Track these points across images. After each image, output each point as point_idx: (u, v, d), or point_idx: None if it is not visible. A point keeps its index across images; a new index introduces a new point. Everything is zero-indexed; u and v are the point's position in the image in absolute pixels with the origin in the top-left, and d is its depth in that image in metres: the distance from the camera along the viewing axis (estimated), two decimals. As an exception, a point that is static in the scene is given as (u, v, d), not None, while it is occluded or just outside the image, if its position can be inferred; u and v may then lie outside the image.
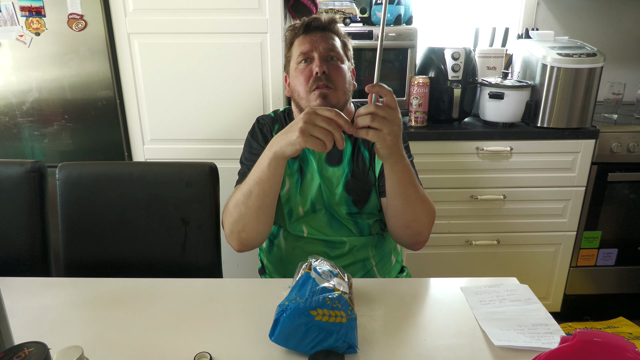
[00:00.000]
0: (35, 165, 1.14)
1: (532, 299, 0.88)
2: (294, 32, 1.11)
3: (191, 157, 1.71)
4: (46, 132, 1.69)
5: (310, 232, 1.07)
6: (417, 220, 0.98)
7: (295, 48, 1.09)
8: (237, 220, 0.96)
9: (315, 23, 1.08)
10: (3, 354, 0.57)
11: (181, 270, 1.18)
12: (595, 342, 0.57)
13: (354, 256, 1.06)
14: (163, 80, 1.65)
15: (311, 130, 0.80)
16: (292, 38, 1.11)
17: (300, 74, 1.06)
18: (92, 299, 0.89)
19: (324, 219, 1.07)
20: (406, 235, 1.01)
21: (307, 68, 1.05)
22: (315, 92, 1.02)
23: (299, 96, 1.07)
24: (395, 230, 1.03)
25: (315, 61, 1.04)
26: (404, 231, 1.01)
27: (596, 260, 1.92)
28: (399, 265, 1.16)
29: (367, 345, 0.75)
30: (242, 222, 0.95)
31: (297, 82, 1.06)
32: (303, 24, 1.09)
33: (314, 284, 0.77)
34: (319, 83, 1.02)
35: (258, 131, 1.13)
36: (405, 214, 0.97)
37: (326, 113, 0.81)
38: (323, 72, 1.02)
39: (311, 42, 1.06)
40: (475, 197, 1.80)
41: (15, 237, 1.14)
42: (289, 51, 1.12)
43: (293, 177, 1.08)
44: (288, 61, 1.12)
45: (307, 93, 1.04)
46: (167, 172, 1.20)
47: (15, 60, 1.61)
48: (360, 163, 1.08)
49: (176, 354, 0.73)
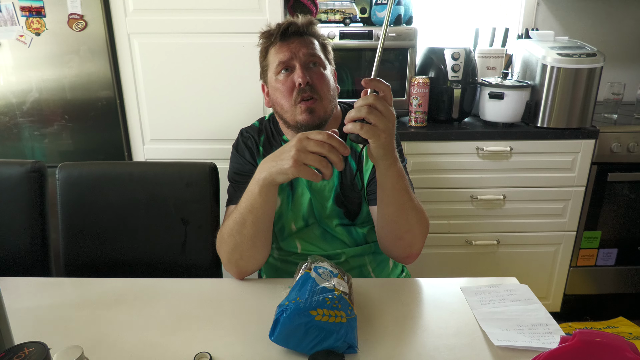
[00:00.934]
0: (36, 165, 1.14)
1: (532, 299, 0.88)
2: (269, 39, 1.01)
3: (191, 157, 1.71)
4: (46, 132, 1.69)
5: (304, 247, 1.05)
6: (410, 231, 0.90)
7: (272, 56, 1.00)
8: (233, 250, 0.91)
9: (292, 28, 0.99)
10: (3, 354, 0.57)
11: (181, 270, 1.18)
12: (595, 342, 0.57)
13: (350, 264, 1.04)
14: (163, 80, 1.65)
15: (304, 159, 0.76)
16: (267, 46, 1.02)
17: (281, 85, 0.98)
18: (92, 299, 0.89)
19: (317, 233, 1.04)
20: (398, 247, 0.94)
21: (289, 79, 0.97)
22: (300, 105, 0.96)
23: (282, 109, 1.00)
24: (385, 242, 0.96)
25: (297, 71, 0.96)
26: (395, 243, 0.94)
27: (596, 260, 1.92)
28: (398, 267, 1.16)
29: (367, 345, 0.75)
30: (239, 251, 0.91)
31: (279, 94, 0.99)
32: (279, 31, 0.98)
33: (314, 284, 0.77)
34: (304, 95, 0.95)
35: (243, 145, 1.07)
36: (397, 224, 0.89)
37: (319, 137, 0.76)
38: (307, 83, 0.95)
39: (290, 50, 0.97)
40: (475, 197, 1.80)
41: (15, 237, 1.14)
42: (265, 59, 1.02)
43: (283, 192, 1.03)
44: (264, 70, 1.03)
45: (291, 106, 0.97)
46: (167, 172, 1.20)
47: (16, 60, 1.61)
48: (348, 173, 1.04)
49: (176, 354, 0.73)
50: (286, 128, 1.04)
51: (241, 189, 1.00)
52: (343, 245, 1.05)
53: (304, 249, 1.05)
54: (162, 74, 1.64)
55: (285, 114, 1.00)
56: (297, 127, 0.99)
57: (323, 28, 1.72)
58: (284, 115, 1.01)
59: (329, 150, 0.75)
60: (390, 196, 0.86)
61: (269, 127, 1.10)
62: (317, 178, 0.76)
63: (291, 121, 0.99)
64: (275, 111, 1.04)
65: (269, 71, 1.01)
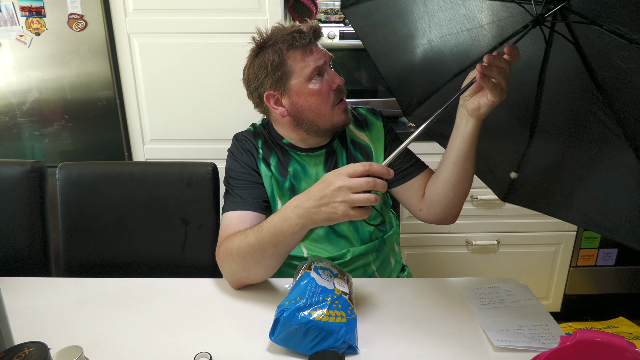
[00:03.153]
0: (36, 165, 1.14)
1: (532, 299, 0.88)
2: (291, 45, 0.93)
3: (191, 157, 1.71)
4: (46, 132, 1.69)
5: (311, 250, 1.04)
6: (468, 192, 0.95)
7: (297, 62, 0.93)
8: (241, 270, 0.88)
9: (318, 34, 0.97)
10: (3, 354, 0.57)
11: (181, 270, 1.19)
12: (595, 342, 0.57)
13: (354, 263, 1.04)
14: (163, 80, 1.65)
15: (353, 202, 0.71)
16: (281, 53, 0.94)
17: (319, 89, 0.94)
18: (92, 299, 0.89)
19: (322, 234, 1.03)
20: (457, 204, 0.96)
21: (325, 82, 0.95)
22: (339, 106, 0.96)
23: (317, 115, 0.95)
24: (449, 200, 0.95)
25: (332, 74, 0.96)
26: (459, 200, 0.95)
27: (596, 260, 1.92)
28: (399, 265, 1.16)
29: (367, 345, 0.75)
30: (247, 272, 0.88)
31: (317, 99, 0.94)
32: (310, 35, 0.94)
33: (314, 284, 0.77)
34: (341, 96, 0.97)
35: (240, 149, 1.04)
36: (469, 180, 0.92)
37: (360, 169, 0.71)
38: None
39: (321, 54, 0.96)
40: (475, 197, 1.80)
41: (15, 237, 1.14)
42: (282, 67, 0.94)
43: (285, 198, 1.01)
44: (281, 79, 0.94)
45: (330, 109, 0.96)
46: (167, 172, 1.20)
47: (16, 60, 1.61)
48: None
49: (176, 354, 0.73)
50: (302, 133, 0.99)
51: (238, 194, 0.99)
52: (348, 244, 1.05)
53: (310, 253, 1.04)
54: (162, 74, 1.64)
55: (319, 119, 0.96)
56: (334, 130, 0.98)
57: (323, 28, 1.72)
58: (317, 121, 0.96)
59: (375, 184, 0.71)
60: (472, 151, 0.88)
61: (264, 132, 1.07)
62: (369, 213, 0.73)
63: (326, 125, 0.97)
64: (300, 118, 0.97)
65: (293, 78, 0.94)
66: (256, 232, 0.84)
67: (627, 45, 0.70)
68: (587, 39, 0.76)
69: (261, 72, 0.96)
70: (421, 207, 1.02)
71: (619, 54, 0.72)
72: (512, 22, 0.84)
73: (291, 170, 1.02)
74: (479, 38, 0.90)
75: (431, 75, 1.02)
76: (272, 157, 1.03)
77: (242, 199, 0.97)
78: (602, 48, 0.74)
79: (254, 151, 1.04)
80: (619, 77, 0.76)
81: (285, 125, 1.01)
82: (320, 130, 0.98)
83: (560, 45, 0.79)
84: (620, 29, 0.69)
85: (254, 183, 1.00)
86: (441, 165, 0.94)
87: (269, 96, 0.97)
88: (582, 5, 0.73)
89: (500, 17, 0.85)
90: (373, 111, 1.12)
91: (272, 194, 1.01)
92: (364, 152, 1.06)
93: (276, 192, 1.01)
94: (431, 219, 1.01)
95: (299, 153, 1.03)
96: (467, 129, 0.85)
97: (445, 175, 0.92)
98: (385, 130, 1.09)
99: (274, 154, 1.03)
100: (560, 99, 0.89)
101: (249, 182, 1.00)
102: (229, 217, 0.96)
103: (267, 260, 0.85)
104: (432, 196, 0.98)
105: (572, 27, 0.77)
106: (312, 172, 1.03)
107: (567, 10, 0.75)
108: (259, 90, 0.98)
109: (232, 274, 0.90)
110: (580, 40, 0.77)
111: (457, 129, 0.87)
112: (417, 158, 1.07)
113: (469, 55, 0.94)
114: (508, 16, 0.83)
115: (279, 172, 1.02)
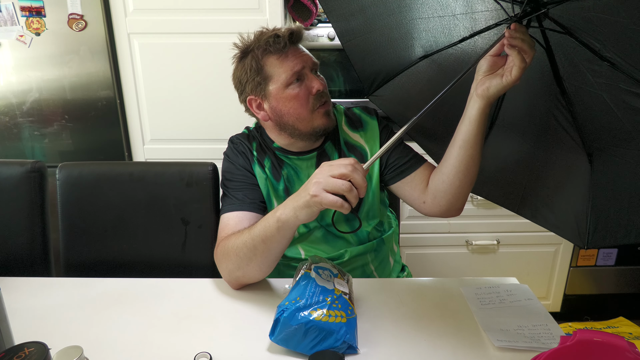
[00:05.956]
0: (36, 165, 1.14)
1: (532, 299, 0.88)
2: (265, 50, 0.95)
3: (191, 157, 1.71)
4: (46, 132, 1.69)
5: (308, 251, 1.04)
6: (473, 182, 0.93)
7: (275, 68, 0.94)
8: (236, 268, 0.89)
9: (295, 37, 0.96)
10: (3, 354, 0.57)
11: (181, 270, 1.19)
12: (595, 342, 0.57)
13: (353, 263, 1.04)
14: (163, 80, 1.65)
15: (325, 185, 0.72)
16: (259, 59, 0.96)
17: (297, 94, 0.95)
18: (92, 299, 0.89)
19: (319, 235, 1.03)
20: (463, 194, 0.94)
21: (302, 87, 0.95)
22: (319, 110, 0.96)
23: (297, 119, 0.96)
24: (454, 189, 0.93)
25: (312, 78, 0.96)
26: (465, 190, 0.93)
27: (596, 260, 1.92)
28: (399, 265, 1.16)
29: (367, 345, 0.75)
30: (242, 270, 0.89)
31: (295, 104, 0.95)
32: (286, 39, 0.93)
33: (314, 284, 0.77)
34: (322, 100, 0.96)
35: (235, 151, 1.05)
36: (475, 168, 0.90)
37: (341, 161, 0.74)
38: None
39: (300, 58, 0.95)
40: (475, 197, 1.80)
41: (15, 237, 1.14)
42: (260, 72, 0.95)
43: (280, 199, 1.01)
44: (260, 84, 0.96)
45: (309, 113, 0.96)
46: (167, 172, 1.20)
47: (16, 60, 1.61)
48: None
49: (176, 354, 0.73)
50: (287, 137, 1.00)
51: (234, 195, 0.99)
52: (346, 245, 1.04)
53: (307, 254, 1.04)
54: (162, 74, 1.64)
55: (299, 123, 0.97)
56: (315, 134, 0.98)
57: (323, 28, 1.72)
58: (297, 125, 0.97)
59: (353, 171, 0.72)
60: (480, 136, 0.86)
61: (257, 135, 1.07)
62: (346, 209, 0.72)
63: (307, 129, 0.97)
64: (281, 122, 0.98)
65: (271, 84, 0.95)
66: (249, 230, 0.86)
67: (598, 60, 0.71)
68: (560, 46, 0.77)
69: (243, 77, 0.99)
70: (425, 199, 1.00)
71: (589, 67, 0.74)
72: (486, 16, 0.84)
73: (285, 174, 1.02)
74: (449, 26, 0.90)
75: (397, 57, 1.01)
76: (266, 159, 1.04)
77: (239, 200, 0.98)
78: (572, 58, 0.76)
79: (249, 154, 1.04)
80: (584, 88, 0.77)
81: (271, 129, 1.02)
82: (303, 134, 0.98)
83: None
84: (595, 45, 0.70)
85: (249, 184, 1.01)
86: (447, 152, 0.92)
87: (251, 101, 1.00)
88: (560, 14, 0.73)
89: (475, 9, 0.84)
90: (367, 110, 1.11)
91: (268, 195, 1.01)
92: (357, 153, 1.05)
93: (272, 194, 1.01)
94: (436, 210, 0.99)
95: (290, 157, 1.03)
96: (473, 110, 0.84)
97: (452, 161, 0.91)
98: (380, 129, 1.08)
99: (267, 157, 1.04)
100: (524, 97, 0.89)
101: (245, 183, 1.01)
102: (227, 219, 0.97)
103: (259, 258, 0.85)
104: (437, 185, 0.97)
105: (546, 33, 0.78)
106: (304, 175, 1.03)
107: (544, 15, 0.75)
108: (243, 95, 1.01)
109: (229, 273, 0.91)
110: (553, 47, 0.78)
111: (465, 113, 0.87)
112: (414, 152, 1.06)
113: (437, 42, 0.93)
114: (483, 10, 0.83)
115: (273, 176, 1.02)
